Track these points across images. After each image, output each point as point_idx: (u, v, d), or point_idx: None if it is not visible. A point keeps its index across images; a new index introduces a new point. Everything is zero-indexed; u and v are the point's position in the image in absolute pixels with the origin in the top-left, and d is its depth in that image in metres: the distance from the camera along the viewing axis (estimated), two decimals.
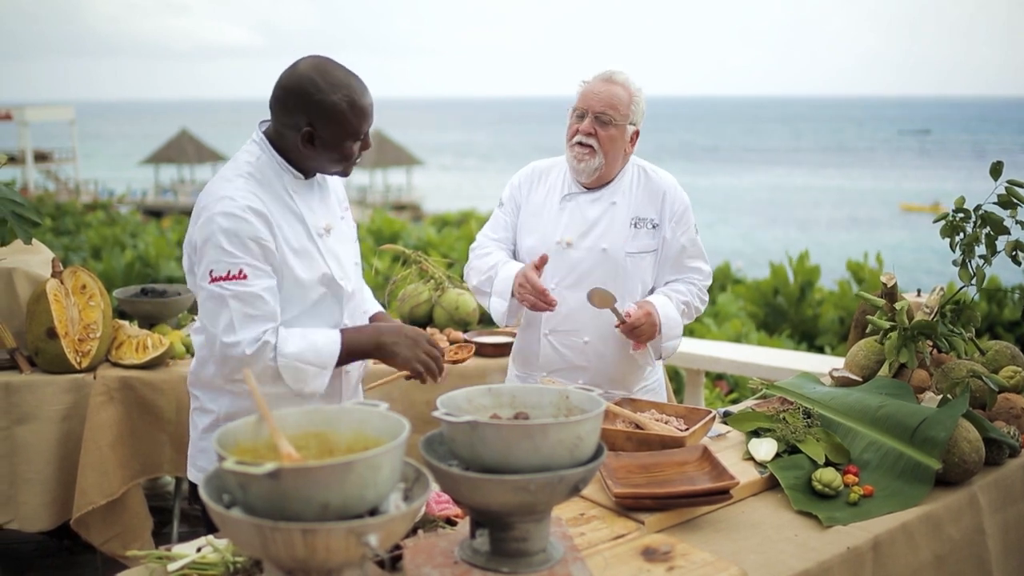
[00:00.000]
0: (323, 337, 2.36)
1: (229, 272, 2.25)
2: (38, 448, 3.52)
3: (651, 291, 3.06)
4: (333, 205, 2.55)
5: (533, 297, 2.83)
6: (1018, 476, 2.50)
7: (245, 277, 2.26)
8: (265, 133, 2.42)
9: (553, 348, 3.02)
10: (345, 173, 2.49)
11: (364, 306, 2.68)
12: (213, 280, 2.26)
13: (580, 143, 2.91)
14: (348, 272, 2.50)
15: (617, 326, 2.86)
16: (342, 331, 2.39)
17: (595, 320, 2.96)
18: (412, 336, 2.39)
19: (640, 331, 2.85)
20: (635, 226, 2.99)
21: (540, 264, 2.84)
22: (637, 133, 2.98)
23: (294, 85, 2.31)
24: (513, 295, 2.89)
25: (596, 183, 2.99)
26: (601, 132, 2.88)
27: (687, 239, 3.05)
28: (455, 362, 2.62)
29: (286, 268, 2.34)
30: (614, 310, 2.81)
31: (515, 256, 3.10)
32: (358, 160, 2.45)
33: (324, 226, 2.45)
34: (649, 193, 3.03)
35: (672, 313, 2.95)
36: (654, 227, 3.01)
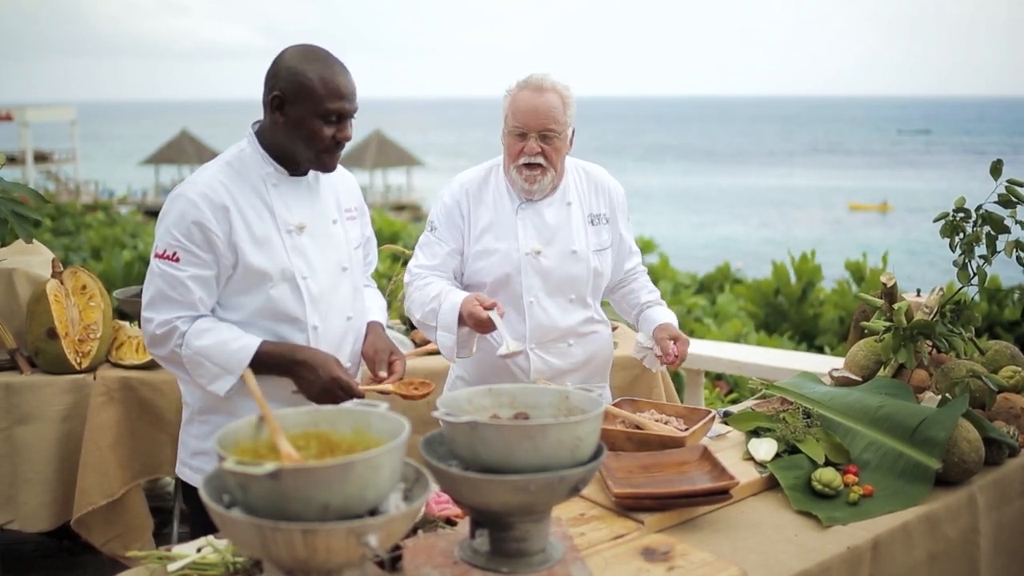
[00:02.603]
0: (238, 342, 2.34)
1: (165, 251, 2.34)
2: (38, 448, 3.52)
3: (641, 304, 3.14)
4: (326, 206, 2.53)
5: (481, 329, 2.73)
6: (1017, 476, 2.51)
7: (177, 260, 2.33)
8: (257, 131, 2.47)
9: (542, 359, 2.95)
10: (322, 165, 2.44)
11: (367, 314, 2.67)
12: (155, 255, 2.36)
13: (528, 164, 2.83)
14: (318, 273, 2.47)
15: (665, 362, 2.89)
16: (263, 343, 2.36)
17: (574, 321, 2.97)
18: (325, 381, 2.32)
19: (682, 345, 2.92)
20: (592, 223, 2.99)
21: (490, 307, 2.72)
22: (573, 131, 2.93)
23: (275, 59, 2.40)
24: (462, 324, 2.76)
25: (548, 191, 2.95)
26: (547, 148, 2.82)
27: (630, 232, 3.13)
28: (406, 397, 2.45)
29: (240, 255, 2.37)
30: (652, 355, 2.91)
31: (466, 277, 2.98)
32: (335, 152, 2.40)
33: (297, 223, 2.45)
34: (594, 189, 3.04)
35: (672, 315, 3.09)
36: (607, 222, 3.03)
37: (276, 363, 2.36)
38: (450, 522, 2.00)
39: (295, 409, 1.65)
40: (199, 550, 1.88)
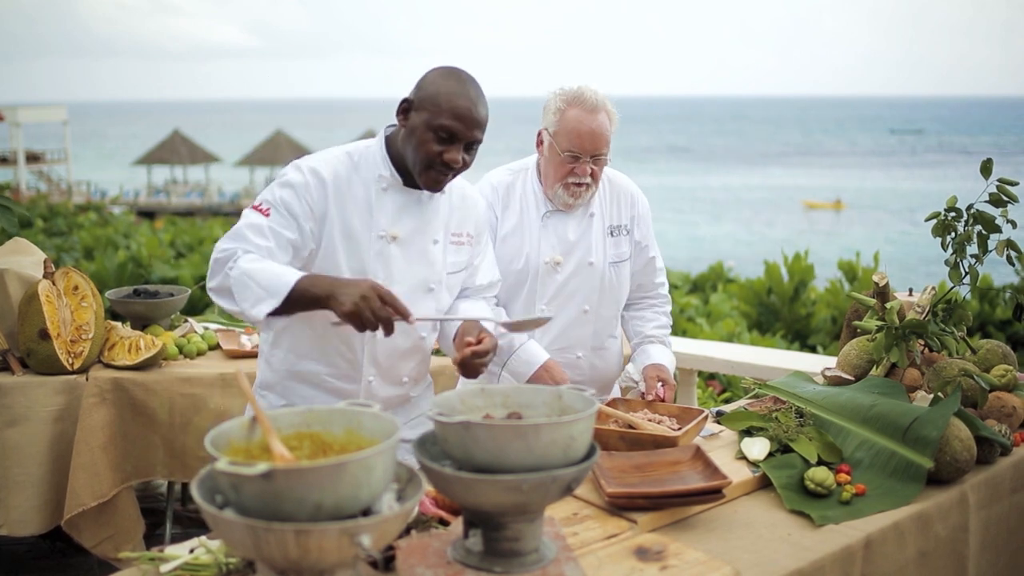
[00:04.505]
0: (282, 269, 2.30)
1: (260, 204, 2.41)
2: (30, 450, 3.51)
3: (644, 335, 3.11)
4: (430, 225, 2.52)
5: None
6: (1008, 475, 2.51)
7: (267, 214, 2.38)
8: (389, 133, 2.52)
9: None
10: (426, 182, 2.41)
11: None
12: (252, 206, 2.43)
13: (577, 183, 2.82)
14: (395, 285, 2.43)
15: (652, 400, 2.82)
16: (304, 275, 2.30)
17: (585, 333, 2.96)
18: (364, 288, 2.17)
19: (669, 390, 2.86)
20: (612, 235, 2.98)
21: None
22: None
23: (425, 73, 2.45)
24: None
25: None
26: (596, 169, 2.83)
27: (653, 246, 3.07)
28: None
29: (326, 240, 2.42)
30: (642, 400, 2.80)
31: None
32: (441, 172, 2.38)
33: (392, 232, 2.45)
34: (618, 199, 3.01)
35: (671, 357, 3.07)
36: (628, 233, 3.01)
37: (316, 292, 2.22)
38: (443, 522, 2.00)
39: (288, 410, 1.65)
40: (191, 551, 1.88)
